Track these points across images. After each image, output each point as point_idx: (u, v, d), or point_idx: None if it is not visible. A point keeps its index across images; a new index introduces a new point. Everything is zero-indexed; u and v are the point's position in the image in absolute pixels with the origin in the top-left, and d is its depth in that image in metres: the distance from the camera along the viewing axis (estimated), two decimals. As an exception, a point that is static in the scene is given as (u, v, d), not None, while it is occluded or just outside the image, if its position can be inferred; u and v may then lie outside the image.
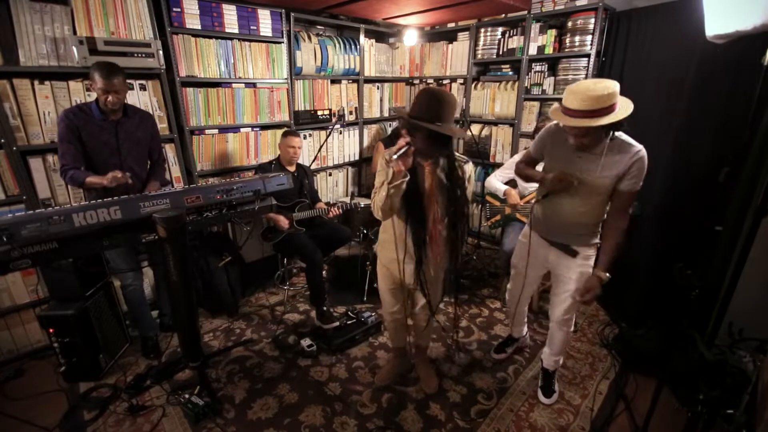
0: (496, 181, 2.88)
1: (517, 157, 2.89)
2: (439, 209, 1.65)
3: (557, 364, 2.09)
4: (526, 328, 2.41)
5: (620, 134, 1.60)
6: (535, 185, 2.74)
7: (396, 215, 1.70)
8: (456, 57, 3.81)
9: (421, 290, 1.81)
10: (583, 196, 1.69)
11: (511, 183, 2.88)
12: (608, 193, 1.67)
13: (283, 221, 2.77)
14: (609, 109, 1.47)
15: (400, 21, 3.73)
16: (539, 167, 1.94)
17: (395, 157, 1.45)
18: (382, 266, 1.92)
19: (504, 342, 2.42)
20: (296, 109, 3.37)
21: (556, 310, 1.95)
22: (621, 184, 1.62)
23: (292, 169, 2.91)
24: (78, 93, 2.29)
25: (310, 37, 3.35)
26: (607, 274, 1.71)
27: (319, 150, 3.49)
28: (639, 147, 1.57)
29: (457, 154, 1.68)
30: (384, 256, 1.87)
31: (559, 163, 1.74)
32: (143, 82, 2.51)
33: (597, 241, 1.80)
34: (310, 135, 3.54)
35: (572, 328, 1.98)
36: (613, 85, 1.47)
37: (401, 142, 1.47)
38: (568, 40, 3.05)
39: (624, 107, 1.51)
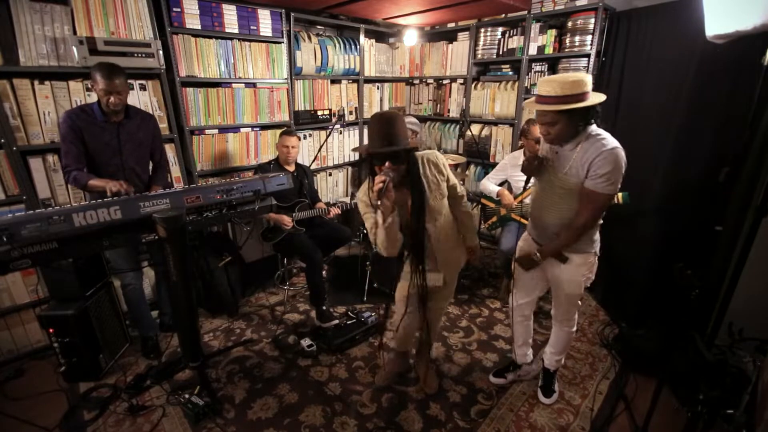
0: (489, 183, 2.87)
1: (507, 159, 2.90)
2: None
3: (559, 364, 2.09)
4: (531, 353, 2.20)
5: (599, 133, 1.58)
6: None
7: None
8: (456, 57, 3.80)
9: (422, 298, 1.83)
10: (560, 197, 1.69)
11: (507, 185, 2.89)
12: None
13: (287, 220, 2.77)
14: (579, 97, 1.50)
15: (400, 21, 3.72)
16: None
17: (379, 200, 1.46)
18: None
19: (505, 367, 2.24)
20: (296, 109, 3.37)
21: (556, 311, 1.97)
22: (585, 181, 1.58)
23: (291, 169, 2.91)
24: (78, 93, 2.29)
25: (310, 37, 3.34)
26: (538, 255, 1.79)
27: (319, 150, 3.49)
28: (611, 145, 1.52)
29: (420, 151, 1.73)
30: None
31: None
32: (143, 82, 2.51)
33: (593, 249, 1.76)
34: (310, 135, 3.54)
35: (574, 327, 1.97)
36: (584, 76, 1.52)
37: (378, 181, 1.47)
38: (568, 40, 3.04)
39: (594, 98, 1.53)
